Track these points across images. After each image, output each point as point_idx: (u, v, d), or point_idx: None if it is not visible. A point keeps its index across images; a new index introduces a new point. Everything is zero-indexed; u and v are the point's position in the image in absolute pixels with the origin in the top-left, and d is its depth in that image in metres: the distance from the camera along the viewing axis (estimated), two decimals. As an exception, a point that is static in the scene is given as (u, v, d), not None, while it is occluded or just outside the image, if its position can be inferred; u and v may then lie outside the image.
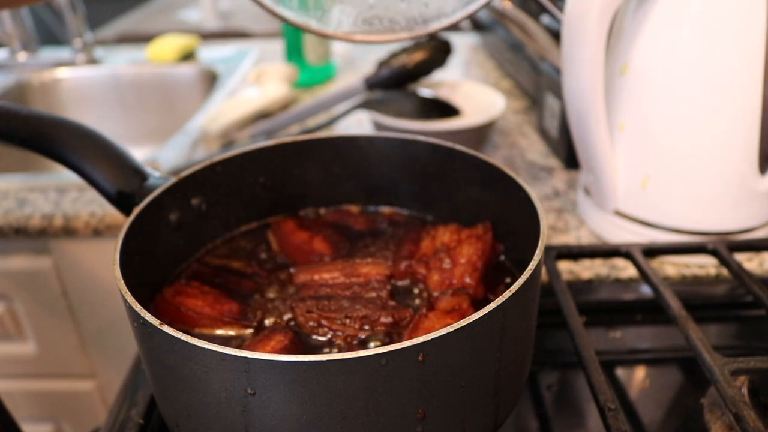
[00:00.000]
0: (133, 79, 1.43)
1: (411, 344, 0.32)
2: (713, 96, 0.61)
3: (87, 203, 0.88)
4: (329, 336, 0.43)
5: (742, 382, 0.50)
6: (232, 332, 0.45)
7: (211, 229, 0.55)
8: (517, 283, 0.36)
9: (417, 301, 0.47)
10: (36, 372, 1.01)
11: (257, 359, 0.32)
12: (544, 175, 0.91)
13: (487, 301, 0.36)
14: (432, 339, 0.32)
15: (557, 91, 0.89)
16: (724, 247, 0.60)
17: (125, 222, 0.44)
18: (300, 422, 0.34)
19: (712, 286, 0.67)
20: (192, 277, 0.50)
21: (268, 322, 0.46)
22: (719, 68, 0.60)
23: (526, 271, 0.37)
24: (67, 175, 0.94)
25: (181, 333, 0.33)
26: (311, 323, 0.44)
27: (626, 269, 0.69)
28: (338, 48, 1.50)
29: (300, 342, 0.43)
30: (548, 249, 0.60)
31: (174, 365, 0.36)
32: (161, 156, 1.00)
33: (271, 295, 0.48)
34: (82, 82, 1.43)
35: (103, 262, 0.91)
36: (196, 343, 0.33)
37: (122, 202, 0.50)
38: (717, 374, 0.45)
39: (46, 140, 0.50)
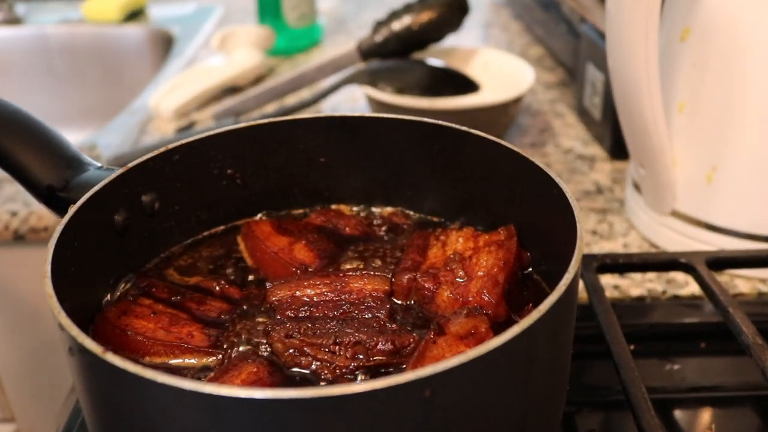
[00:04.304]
0: (65, 43, 1.43)
1: (415, 377, 0.32)
2: (795, 68, 0.62)
3: (6, 200, 0.89)
4: (314, 367, 0.44)
5: (830, 427, 0.50)
6: (192, 362, 0.45)
7: (167, 233, 0.56)
8: (547, 301, 0.37)
9: (423, 324, 0.48)
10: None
11: (225, 396, 0.32)
12: (583, 166, 0.92)
13: (511, 324, 0.36)
14: (441, 371, 0.33)
15: (600, 62, 0.89)
16: (809, 257, 0.61)
17: (58, 224, 0.44)
18: (277, 474, 0.34)
19: (795, 306, 0.68)
20: (142, 294, 0.50)
21: (237, 349, 0.46)
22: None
23: (559, 286, 0.38)
24: (-17, 165, 0.94)
25: (129, 363, 0.34)
26: (291, 351, 0.44)
27: (686, 285, 0.70)
28: (325, 5, 1.50)
29: (277, 374, 0.44)
30: (587, 259, 0.61)
31: (120, 403, 0.37)
32: (102, 141, 1.01)
33: (241, 315, 0.49)
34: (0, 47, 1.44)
35: (27, 275, 0.91)
36: (148, 376, 0.33)
37: (53, 198, 0.50)
38: (798, 416, 0.45)
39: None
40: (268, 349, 0.46)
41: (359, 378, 0.43)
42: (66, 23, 1.44)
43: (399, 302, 0.50)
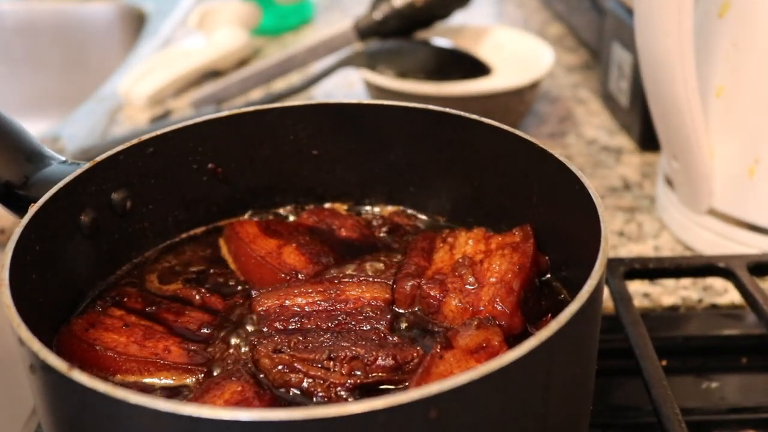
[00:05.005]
0: (22, 22, 1.43)
1: (420, 396, 0.33)
2: None
3: (-40, 199, 0.89)
4: (305, 385, 0.44)
5: None
6: (169, 380, 0.46)
7: (140, 235, 0.56)
8: (567, 310, 0.37)
9: (428, 337, 0.48)
10: None
11: (206, 418, 0.32)
12: (609, 159, 0.92)
13: (527, 337, 0.36)
14: (449, 389, 0.33)
15: (628, 41, 0.89)
16: None
17: (17, 226, 0.45)
18: (265, 505, 0.34)
19: None
20: (113, 304, 0.51)
21: (219, 365, 0.46)
22: None
23: (581, 294, 0.38)
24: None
25: (98, 381, 0.34)
26: (280, 367, 0.45)
27: (726, 293, 0.70)
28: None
29: (265, 394, 0.44)
30: (613, 264, 0.61)
31: (88, 427, 0.37)
32: (66, 132, 1.01)
33: (224, 328, 0.49)
34: (-50, 27, 1.44)
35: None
36: (120, 396, 0.33)
37: (12, 196, 0.50)
38: None
39: None
40: (255, 365, 0.46)
41: (356, 397, 0.43)
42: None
43: (401, 312, 0.50)
